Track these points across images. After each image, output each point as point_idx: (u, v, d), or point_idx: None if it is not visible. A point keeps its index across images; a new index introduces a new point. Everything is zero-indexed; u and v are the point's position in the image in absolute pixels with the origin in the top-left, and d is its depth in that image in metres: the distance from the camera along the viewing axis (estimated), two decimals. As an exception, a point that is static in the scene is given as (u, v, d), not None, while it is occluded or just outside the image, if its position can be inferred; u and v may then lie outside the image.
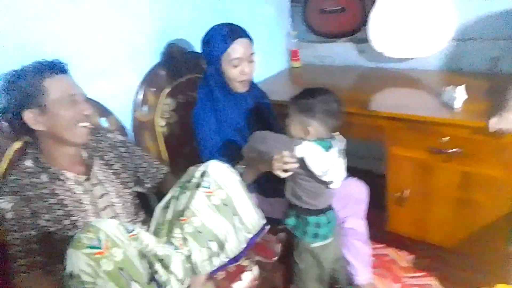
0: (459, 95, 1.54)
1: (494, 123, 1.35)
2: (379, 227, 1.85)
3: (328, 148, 1.31)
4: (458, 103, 1.53)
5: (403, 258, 1.94)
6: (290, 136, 1.35)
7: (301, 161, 1.27)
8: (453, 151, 1.50)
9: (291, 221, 1.41)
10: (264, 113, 1.61)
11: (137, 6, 1.60)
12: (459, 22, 1.85)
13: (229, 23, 1.46)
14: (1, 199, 1.13)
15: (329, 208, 1.40)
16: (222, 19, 1.48)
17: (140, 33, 1.63)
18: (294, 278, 1.47)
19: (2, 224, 1.13)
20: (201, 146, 1.49)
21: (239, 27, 1.46)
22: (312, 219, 1.37)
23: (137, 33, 1.61)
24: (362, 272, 1.63)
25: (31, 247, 1.11)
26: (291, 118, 1.33)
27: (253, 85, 1.58)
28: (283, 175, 1.29)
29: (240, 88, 1.48)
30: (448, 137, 1.50)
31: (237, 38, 1.41)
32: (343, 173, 1.35)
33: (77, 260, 0.91)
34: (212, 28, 1.46)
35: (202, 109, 1.49)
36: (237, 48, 1.41)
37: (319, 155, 1.28)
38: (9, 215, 1.11)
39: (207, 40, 1.46)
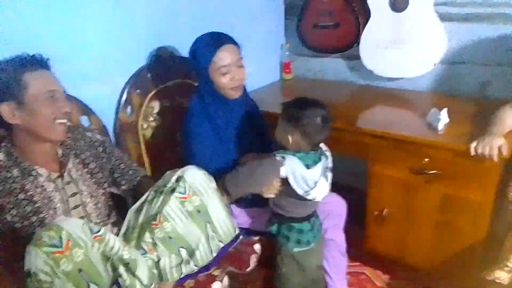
0: (443, 117, 1.54)
1: (475, 147, 1.35)
2: (357, 245, 1.83)
3: (312, 163, 1.31)
4: (441, 125, 1.53)
5: (379, 277, 1.92)
6: (275, 139, 1.36)
7: (285, 179, 1.30)
8: (434, 172, 1.50)
9: (274, 228, 1.42)
10: (256, 121, 1.60)
11: (130, 10, 1.59)
12: (451, 45, 1.86)
13: (212, 32, 1.44)
14: (-32, 191, 1.11)
15: (313, 215, 1.42)
16: (216, 28, 1.46)
17: (132, 36, 1.62)
18: (276, 284, 1.46)
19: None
20: (197, 158, 1.43)
21: (223, 34, 1.44)
22: (295, 225, 1.38)
23: (129, 35, 1.61)
24: (338, 284, 1.61)
25: (-6, 242, 1.08)
26: (278, 122, 1.35)
27: (245, 92, 1.56)
28: (271, 196, 1.34)
29: (233, 95, 1.45)
30: (429, 159, 1.50)
31: (221, 46, 1.38)
32: (326, 190, 1.36)
33: (35, 258, 0.89)
34: (196, 39, 1.44)
35: (197, 122, 1.46)
36: (222, 56, 1.38)
37: (302, 175, 1.29)
38: (-27, 208, 1.09)
39: (193, 52, 1.43)
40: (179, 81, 1.76)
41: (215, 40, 1.40)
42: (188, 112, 1.50)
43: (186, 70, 1.78)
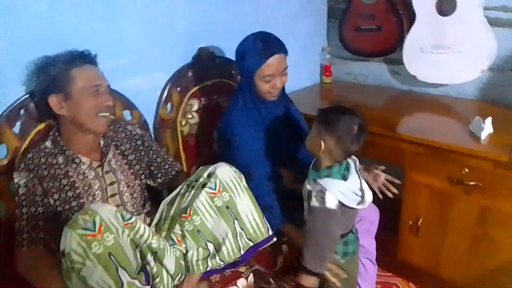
0: (487, 126, 1.47)
1: (519, 159, 1.28)
2: (389, 255, 1.79)
3: (346, 171, 1.24)
4: (484, 135, 1.46)
5: (411, 289, 1.86)
6: (306, 146, 1.30)
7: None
8: (474, 183, 1.43)
9: None
10: (293, 119, 1.60)
11: (170, 8, 1.65)
12: (500, 51, 1.77)
13: (265, 36, 1.43)
14: (17, 174, 1.20)
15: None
16: (256, 29, 1.47)
17: (174, 34, 1.68)
18: None
19: (14, 198, 1.21)
20: (240, 156, 1.43)
21: (276, 40, 1.43)
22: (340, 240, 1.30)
23: (171, 34, 1.67)
24: None
25: (37, 223, 1.17)
26: (312, 127, 1.27)
27: (285, 95, 1.57)
28: None
29: (270, 99, 1.47)
30: (468, 169, 1.44)
31: (272, 55, 1.38)
32: (369, 191, 1.28)
33: (70, 239, 0.95)
34: (247, 39, 1.43)
35: (239, 118, 1.47)
36: (271, 65, 1.38)
37: (347, 189, 1.21)
38: (21, 190, 1.18)
39: (241, 53, 1.43)
40: (217, 80, 1.80)
41: (267, 48, 1.38)
42: (228, 109, 1.52)
43: (225, 71, 1.82)
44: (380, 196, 1.43)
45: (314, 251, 1.22)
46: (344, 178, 1.22)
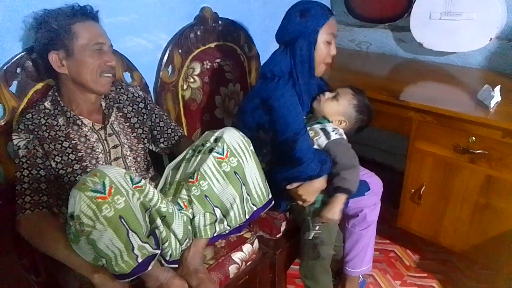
0: (496, 95, 1.45)
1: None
2: (388, 223, 1.81)
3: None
4: (493, 103, 1.45)
5: (409, 256, 1.89)
6: (318, 108, 1.45)
7: None
8: (480, 152, 1.43)
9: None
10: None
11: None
12: (510, 20, 1.74)
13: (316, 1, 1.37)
14: (16, 135, 1.15)
15: None
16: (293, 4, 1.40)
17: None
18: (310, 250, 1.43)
19: (14, 161, 1.16)
20: (289, 128, 1.31)
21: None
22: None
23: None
24: (355, 263, 1.59)
25: (39, 186, 1.12)
26: (338, 99, 1.43)
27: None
28: None
29: (320, 72, 1.41)
30: (476, 137, 1.43)
31: (332, 15, 1.35)
32: None
33: (79, 202, 0.91)
34: (305, 1, 1.36)
35: (287, 89, 1.35)
36: (332, 25, 1.34)
37: None
38: (21, 152, 1.13)
39: (305, 10, 1.33)
40: (221, 43, 1.73)
41: (328, 9, 1.35)
42: (271, 76, 1.36)
43: (229, 33, 1.75)
44: None
45: (355, 172, 1.35)
46: None
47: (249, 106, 1.41)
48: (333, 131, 1.37)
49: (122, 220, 0.94)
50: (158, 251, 1.02)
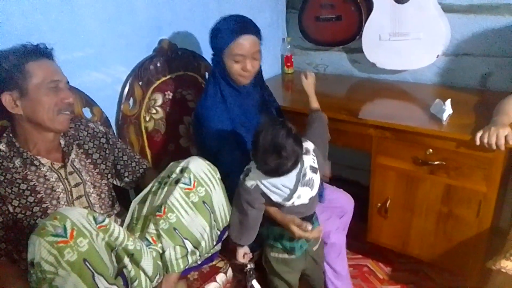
0: (447, 108, 1.53)
1: (481, 137, 1.34)
2: (359, 238, 1.84)
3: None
4: (445, 116, 1.52)
5: (381, 269, 1.92)
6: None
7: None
8: (438, 163, 1.49)
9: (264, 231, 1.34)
10: (265, 108, 1.57)
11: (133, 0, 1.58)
12: (454, 36, 1.86)
13: (240, 17, 1.40)
14: (-30, 181, 1.09)
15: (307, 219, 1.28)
16: (212, 21, 1.44)
17: (134, 26, 1.60)
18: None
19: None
20: (210, 141, 1.40)
21: (250, 22, 1.40)
22: (275, 228, 1.29)
23: (130, 26, 1.58)
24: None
25: (-4, 233, 1.07)
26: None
27: (260, 81, 1.54)
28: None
29: (242, 81, 1.44)
30: (432, 149, 1.49)
31: (243, 34, 1.35)
32: (309, 195, 1.20)
33: (39, 248, 0.87)
34: (223, 18, 1.40)
35: (212, 103, 1.42)
36: (241, 44, 1.35)
37: (271, 183, 1.18)
38: (-25, 198, 1.08)
39: (215, 30, 1.39)
40: (181, 73, 1.74)
41: (240, 27, 1.36)
42: (203, 93, 1.47)
43: (189, 63, 1.77)
44: None
45: (232, 227, 1.27)
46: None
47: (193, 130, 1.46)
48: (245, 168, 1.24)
49: (87, 263, 0.90)
50: (127, 292, 0.98)
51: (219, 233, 1.25)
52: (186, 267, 1.19)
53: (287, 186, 1.18)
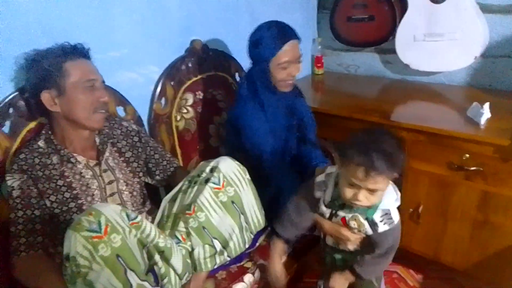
0: (486, 111, 1.48)
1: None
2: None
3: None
4: (483, 120, 1.47)
5: (412, 276, 1.86)
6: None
7: None
8: (474, 169, 1.44)
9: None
10: (298, 115, 1.58)
11: (165, 0, 1.60)
12: (491, 39, 1.79)
13: (278, 23, 1.41)
14: (9, 176, 1.14)
15: None
16: (248, 21, 1.46)
17: (166, 26, 1.63)
18: None
19: (7, 201, 1.14)
20: (255, 145, 1.42)
21: (289, 27, 1.41)
22: None
23: (163, 26, 1.61)
24: None
25: (34, 227, 1.11)
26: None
27: (297, 88, 1.56)
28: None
29: (285, 88, 1.46)
30: (469, 154, 1.44)
31: (288, 41, 1.37)
32: None
33: (75, 242, 0.89)
34: (261, 28, 1.40)
35: (249, 109, 1.44)
36: (287, 51, 1.37)
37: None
38: (15, 193, 1.12)
39: (256, 40, 1.39)
40: (212, 73, 1.76)
41: (283, 34, 1.37)
42: (238, 97, 1.49)
43: (219, 63, 1.78)
44: None
45: (382, 265, 1.24)
46: None
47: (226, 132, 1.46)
48: (381, 221, 1.14)
49: (120, 258, 0.92)
50: (157, 288, 1.00)
51: (252, 236, 1.24)
52: (215, 267, 1.19)
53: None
